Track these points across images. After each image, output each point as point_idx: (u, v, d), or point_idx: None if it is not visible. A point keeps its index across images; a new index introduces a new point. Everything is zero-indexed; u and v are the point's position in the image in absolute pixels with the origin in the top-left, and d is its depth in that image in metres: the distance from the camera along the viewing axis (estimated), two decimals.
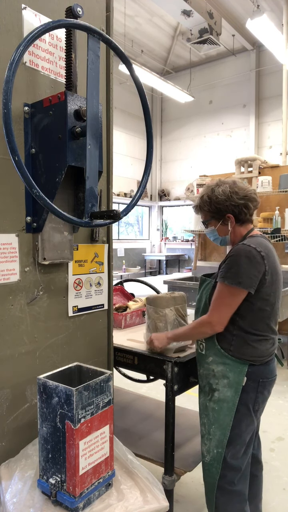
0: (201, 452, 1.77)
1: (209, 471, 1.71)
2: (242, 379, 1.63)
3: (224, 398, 1.66)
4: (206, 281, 1.79)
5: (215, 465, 1.69)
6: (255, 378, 1.64)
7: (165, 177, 13.31)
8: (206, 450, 1.72)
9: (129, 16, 9.21)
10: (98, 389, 1.28)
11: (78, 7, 1.43)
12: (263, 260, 1.59)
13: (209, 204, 1.72)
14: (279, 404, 3.66)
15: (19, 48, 1.20)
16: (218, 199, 1.69)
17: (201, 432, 1.77)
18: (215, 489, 1.70)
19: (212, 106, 11.74)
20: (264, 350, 1.65)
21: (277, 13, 8.80)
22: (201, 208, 1.78)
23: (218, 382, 1.68)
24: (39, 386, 1.28)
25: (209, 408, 1.72)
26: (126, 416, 2.51)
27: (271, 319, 1.67)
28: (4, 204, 1.44)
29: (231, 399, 1.65)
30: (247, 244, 1.61)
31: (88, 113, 1.38)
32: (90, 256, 1.82)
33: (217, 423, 1.68)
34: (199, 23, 7.11)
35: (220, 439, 1.67)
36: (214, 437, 1.69)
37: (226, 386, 1.66)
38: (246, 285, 1.57)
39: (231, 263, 1.61)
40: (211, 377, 1.71)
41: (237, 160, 5.48)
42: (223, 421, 1.66)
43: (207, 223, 1.78)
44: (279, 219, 4.87)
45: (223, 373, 1.67)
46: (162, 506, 1.29)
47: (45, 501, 1.25)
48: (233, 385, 1.64)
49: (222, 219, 1.73)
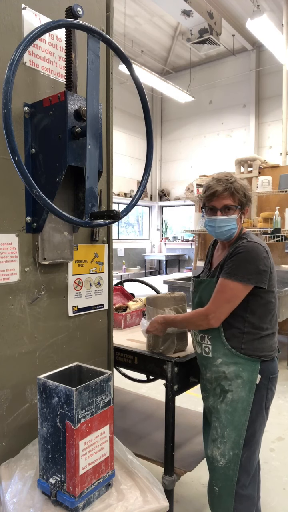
0: (210, 457, 1.70)
1: (225, 474, 1.65)
2: (256, 377, 1.62)
3: (238, 399, 1.63)
4: (205, 281, 1.75)
5: (232, 467, 1.63)
6: (266, 374, 1.64)
7: (165, 177, 13.32)
8: (221, 454, 1.66)
9: (129, 16, 9.20)
10: (98, 389, 1.28)
11: (78, 7, 1.43)
12: (268, 255, 1.62)
13: (244, 190, 1.67)
14: (279, 404, 3.66)
15: (19, 48, 1.20)
16: (246, 190, 1.68)
17: (212, 436, 1.70)
18: (234, 494, 1.63)
19: (212, 106, 11.74)
20: (272, 345, 1.67)
21: (277, 13, 8.80)
22: (236, 192, 1.65)
23: (231, 383, 1.65)
24: (39, 386, 1.28)
25: (221, 410, 1.67)
26: (126, 416, 2.51)
27: (275, 310, 1.69)
28: (4, 204, 1.44)
29: (246, 398, 1.62)
30: (252, 241, 1.62)
31: (88, 113, 1.38)
32: (90, 256, 1.82)
33: (231, 425, 1.64)
34: (199, 23, 7.11)
35: (236, 441, 1.63)
36: (229, 439, 1.64)
37: (239, 386, 1.63)
38: (255, 280, 1.58)
39: (240, 260, 1.59)
40: (222, 379, 1.67)
41: (237, 160, 5.48)
42: (238, 422, 1.63)
43: (234, 209, 1.66)
44: (279, 219, 4.87)
45: (236, 373, 1.64)
46: (162, 506, 1.29)
47: (45, 501, 1.25)
48: (247, 384, 1.62)
49: (243, 210, 1.71)
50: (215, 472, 1.69)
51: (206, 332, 1.71)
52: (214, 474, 1.69)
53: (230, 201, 1.66)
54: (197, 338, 1.78)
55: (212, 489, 1.70)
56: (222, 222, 1.67)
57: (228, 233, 1.69)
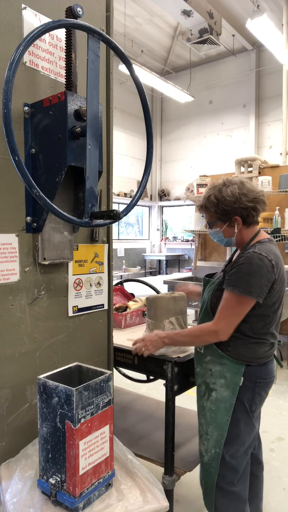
0: (199, 452, 1.77)
1: (207, 471, 1.71)
2: (240, 379, 1.62)
3: (221, 398, 1.66)
4: (209, 282, 1.77)
5: (213, 465, 1.68)
6: (252, 378, 1.63)
7: (165, 177, 13.32)
8: (205, 450, 1.72)
9: (129, 16, 9.21)
10: (98, 389, 1.28)
11: (78, 7, 1.43)
12: (273, 269, 1.55)
13: (216, 205, 1.63)
14: (279, 404, 3.66)
15: (19, 48, 1.20)
16: (226, 200, 1.60)
17: (199, 432, 1.76)
18: (214, 489, 1.69)
19: (212, 106, 11.74)
20: (261, 352, 1.64)
21: (277, 13, 8.80)
22: (207, 209, 1.68)
23: (215, 382, 1.68)
24: (39, 386, 1.28)
25: (206, 408, 1.71)
26: (126, 416, 2.51)
27: (272, 325, 1.65)
28: (4, 204, 1.44)
29: (228, 399, 1.64)
30: (258, 252, 1.55)
31: (88, 113, 1.38)
32: (90, 256, 1.82)
33: (214, 423, 1.68)
34: (199, 23, 7.10)
35: (217, 439, 1.67)
36: (212, 437, 1.69)
37: (223, 386, 1.66)
38: (256, 294, 1.53)
39: (242, 272, 1.55)
40: (208, 376, 1.71)
41: (237, 160, 5.48)
42: (221, 421, 1.66)
43: (213, 224, 1.70)
44: (279, 219, 4.87)
45: (220, 373, 1.67)
46: (162, 506, 1.29)
47: (45, 501, 1.25)
48: (230, 385, 1.64)
49: (229, 221, 1.65)
50: (202, 467, 1.76)
51: None
52: (201, 469, 1.77)
53: (207, 217, 1.72)
54: None
55: (201, 483, 1.78)
56: (211, 235, 1.76)
57: (222, 243, 1.74)
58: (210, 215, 1.69)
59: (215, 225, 1.70)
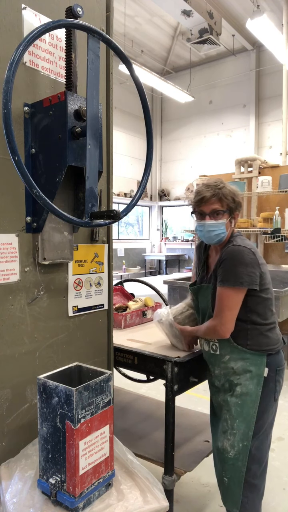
0: (221, 449, 1.75)
1: (234, 465, 1.70)
2: (263, 370, 1.68)
3: (247, 392, 1.69)
4: (203, 287, 1.82)
5: (241, 459, 1.69)
6: (273, 367, 1.70)
7: (165, 177, 13.32)
8: (230, 445, 1.71)
9: (129, 16, 9.21)
10: (98, 389, 1.28)
11: (78, 7, 1.43)
12: (255, 255, 1.66)
13: (233, 195, 1.72)
14: (279, 404, 3.64)
15: (19, 48, 1.20)
16: (237, 194, 1.73)
17: (222, 428, 1.76)
18: (242, 484, 1.69)
19: (212, 106, 11.74)
20: (275, 338, 1.73)
21: (277, 13, 8.80)
22: (224, 197, 1.69)
23: (239, 377, 1.71)
24: (39, 386, 1.28)
25: (231, 403, 1.72)
26: (126, 416, 2.51)
27: (273, 305, 1.76)
28: (4, 204, 1.44)
29: (254, 391, 1.68)
30: (237, 245, 1.67)
31: (88, 113, 1.38)
32: (90, 256, 1.82)
33: (241, 417, 1.69)
34: (199, 23, 7.11)
35: (245, 432, 1.68)
36: (238, 431, 1.70)
37: (248, 380, 1.69)
38: (248, 283, 1.63)
39: (228, 266, 1.65)
40: (231, 374, 1.73)
41: (237, 160, 5.48)
42: (247, 414, 1.68)
43: (223, 213, 1.71)
44: (279, 219, 4.87)
45: (243, 368, 1.70)
46: (162, 506, 1.29)
47: (45, 501, 1.25)
48: (255, 378, 1.68)
49: (232, 215, 1.75)
50: (225, 463, 1.73)
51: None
52: (224, 465, 1.74)
53: (218, 206, 1.71)
54: (203, 344, 1.85)
55: (222, 480, 1.75)
56: (211, 227, 1.72)
57: (217, 237, 1.74)
58: (222, 205, 1.71)
59: (223, 216, 1.72)
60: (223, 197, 1.70)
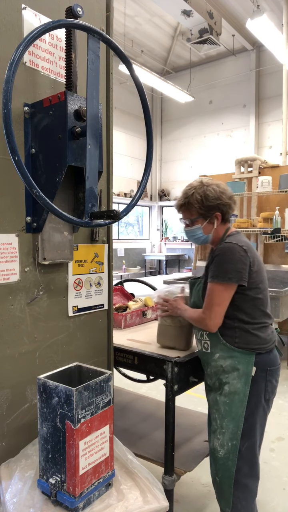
0: (212, 448, 1.76)
1: (224, 465, 1.71)
2: (251, 369, 1.67)
3: (235, 391, 1.69)
4: (196, 282, 1.87)
5: (230, 458, 1.69)
6: (262, 367, 1.69)
7: (165, 177, 13.32)
8: (220, 445, 1.72)
9: (129, 16, 9.21)
10: (98, 389, 1.28)
11: (78, 7, 1.43)
12: (246, 253, 1.68)
13: (201, 202, 1.75)
14: (279, 404, 3.66)
15: (19, 48, 1.20)
16: (209, 197, 1.74)
17: (212, 427, 1.77)
18: (232, 483, 1.69)
19: (212, 106, 11.74)
20: (266, 337, 1.72)
21: (277, 13, 8.80)
22: (191, 206, 1.78)
23: (228, 376, 1.71)
24: (39, 386, 1.28)
25: (220, 402, 1.73)
26: (126, 416, 2.51)
27: (265, 306, 1.75)
28: (4, 204, 1.44)
29: (242, 390, 1.68)
30: (229, 242, 1.70)
31: (88, 113, 1.38)
32: (90, 256, 1.82)
33: (229, 416, 1.70)
34: (199, 23, 7.10)
35: (233, 432, 1.68)
36: (227, 430, 1.70)
37: (236, 378, 1.69)
38: (236, 279, 1.65)
39: (218, 262, 1.68)
40: (221, 373, 1.74)
41: (237, 160, 5.48)
42: (236, 413, 1.68)
43: (194, 221, 1.80)
44: (279, 219, 4.87)
45: (232, 366, 1.70)
46: (162, 506, 1.29)
47: (45, 501, 1.25)
48: (242, 376, 1.68)
49: (210, 217, 1.77)
50: (216, 462, 1.75)
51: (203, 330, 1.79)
52: (216, 465, 1.75)
53: (188, 215, 1.81)
54: (197, 335, 1.85)
55: (215, 480, 1.77)
56: (189, 233, 1.85)
57: (199, 240, 1.84)
58: (192, 212, 1.79)
59: (197, 222, 1.80)
60: (190, 206, 1.77)
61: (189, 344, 2.02)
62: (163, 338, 2.04)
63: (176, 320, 1.98)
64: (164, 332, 2.04)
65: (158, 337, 2.07)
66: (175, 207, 1.88)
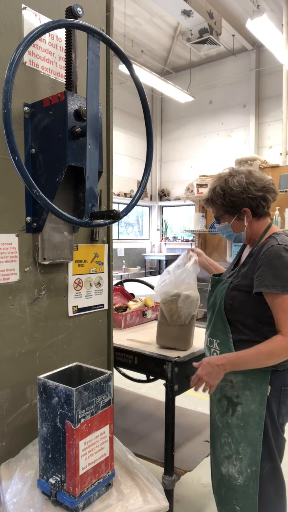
0: (226, 475, 1.57)
1: (245, 493, 1.52)
2: (266, 388, 1.47)
3: (249, 412, 1.50)
4: (222, 281, 1.62)
5: (251, 486, 1.51)
6: (277, 386, 1.48)
7: (165, 177, 13.31)
8: (238, 471, 1.53)
9: (129, 16, 9.20)
10: (98, 389, 1.28)
11: (78, 7, 1.43)
12: None
13: (223, 197, 1.54)
14: None
15: (19, 48, 1.20)
16: (233, 191, 1.51)
17: (224, 452, 1.57)
18: (257, 510, 1.52)
19: (212, 106, 11.74)
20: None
21: (277, 13, 8.80)
22: (213, 202, 1.58)
23: (238, 395, 1.53)
24: (39, 386, 1.28)
25: (233, 425, 1.54)
26: (126, 416, 2.51)
27: None
28: (4, 204, 1.44)
29: (257, 412, 1.49)
30: (283, 244, 1.44)
31: (88, 113, 1.38)
32: (90, 256, 1.82)
33: (245, 440, 1.51)
34: (199, 23, 7.10)
35: (252, 457, 1.50)
36: (244, 455, 1.51)
37: (249, 399, 1.50)
38: None
39: (278, 267, 1.40)
40: (229, 388, 1.55)
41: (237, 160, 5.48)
42: (253, 437, 1.50)
43: (220, 218, 1.60)
44: (279, 219, 4.87)
45: (243, 383, 1.51)
46: (162, 506, 1.29)
47: (45, 501, 1.25)
48: (256, 396, 1.49)
49: (238, 213, 1.55)
50: (234, 491, 1.55)
51: (215, 336, 1.61)
52: (234, 494, 1.55)
53: (215, 211, 1.63)
54: (206, 342, 1.68)
55: (234, 509, 1.56)
56: (220, 231, 1.66)
57: (231, 238, 1.63)
58: (217, 208, 1.60)
59: (223, 219, 1.60)
60: (214, 200, 1.59)
61: (189, 344, 2.01)
62: (163, 338, 2.04)
63: (175, 319, 1.97)
64: (164, 332, 2.03)
65: (158, 338, 2.07)
66: (202, 202, 1.68)
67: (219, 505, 1.65)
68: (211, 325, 1.65)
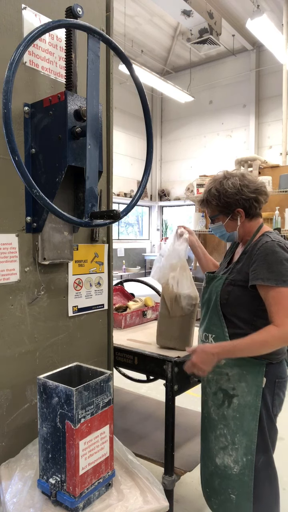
0: (221, 465, 1.63)
1: (240, 481, 1.59)
2: (262, 380, 1.54)
3: (245, 404, 1.57)
4: (217, 277, 1.68)
5: (247, 474, 1.58)
6: (271, 378, 1.56)
7: (165, 177, 13.31)
8: (233, 461, 1.60)
9: (129, 16, 9.20)
10: (98, 389, 1.28)
11: (78, 7, 1.43)
12: None
13: (218, 198, 1.61)
14: None
15: (19, 48, 1.20)
16: (227, 192, 1.59)
17: (221, 443, 1.63)
18: (252, 499, 1.58)
19: (212, 106, 11.73)
20: (280, 348, 1.55)
21: (277, 13, 8.80)
22: (209, 203, 1.66)
23: (234, 387, 1.59)
24: (39, 386, 1.28)
25: (229, 416, 1.61)
26: (126, 416, 2.51)
27: None
28: (4, 204, 1.44)
29: (253, 403, 1.55)
30: (276, 240, 1.52)
31: (88, 113, 1.38)
32: (90, 256, 1.82)
33: (241, 431, 1.58)
34: (199, 23, 7.10)
35: (247, 446, 1.57)
36: (240, 445, 1.58)
37: (245, 391, 1.57)
38: None
39: (272, 262, 1.47)
40: (225, 381, 1.61)
41: (237, 160, 5.48)
42: (248, 427, 1.57)
43: (215, 218, 1.68)
44: (279, 219, 4.87)
45: (239, 376, 1.58)
46: (162, 506, 1.29)
47: (45, 501, 1.25)
48: (252, 388, 1.56)
49: (231, 214, 1.63)
50: (230, 480, 1.62)
51: (210, 331, 1.66)
52: (229, 483, 1.62)
53: (209, 211, 1.71)
54: (201, 337, 1.73)
55: (229, 498, 1.62)
56: (213, 230, 1.73)
57: (224, 238, 1.71)
58: (212, 209, 1.68)
59: (218, 219, 1.68)
60: (209, 202, 1.66)
61: (189, 344, 2.01)
62: (163, 338, 2.04)
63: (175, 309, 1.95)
64: (164, 332, 2.04)
65: (158, 338, 2.07)
66: (198, 203, 1.75)
67: (212, 497, 1.71)
68: (206, 321, 1.71)
